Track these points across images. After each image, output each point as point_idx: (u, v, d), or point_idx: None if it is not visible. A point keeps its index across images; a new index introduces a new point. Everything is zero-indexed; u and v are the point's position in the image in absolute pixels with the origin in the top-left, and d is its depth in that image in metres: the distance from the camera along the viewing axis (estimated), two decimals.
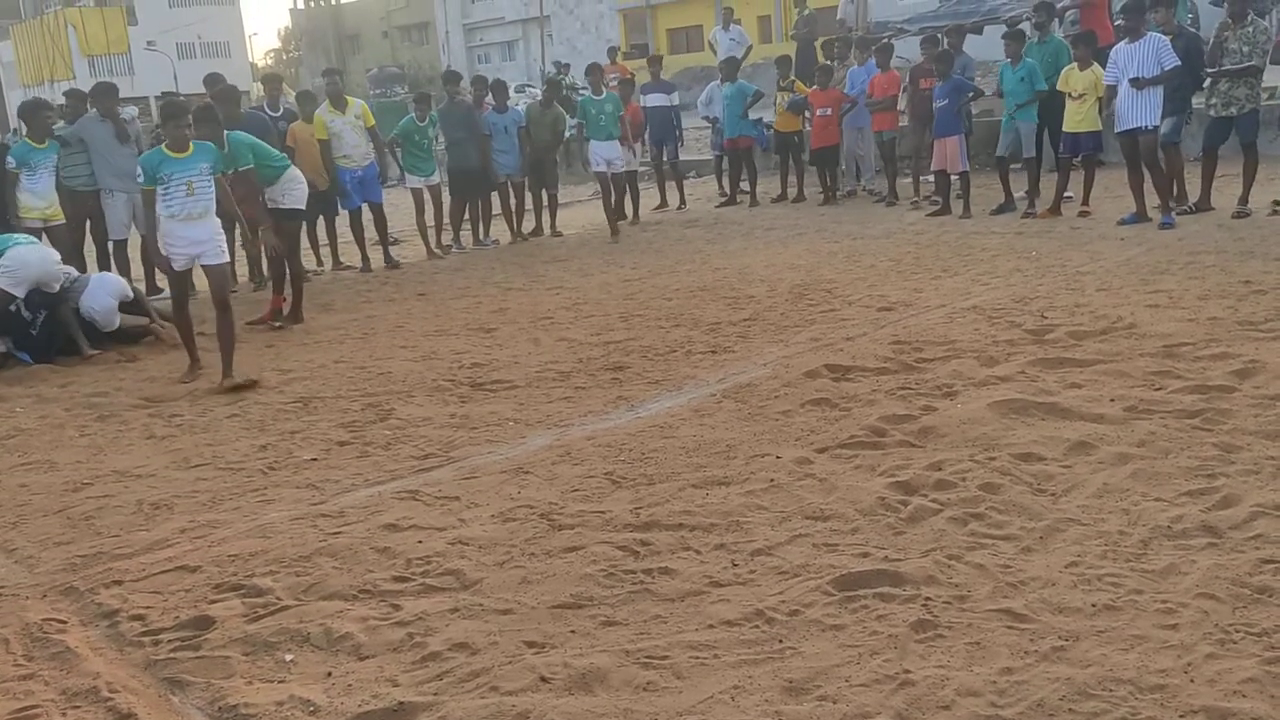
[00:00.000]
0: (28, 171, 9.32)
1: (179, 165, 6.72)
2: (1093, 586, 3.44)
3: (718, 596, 3.58)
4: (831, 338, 6.88)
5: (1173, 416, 4.87)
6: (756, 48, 24.40)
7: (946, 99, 11.45)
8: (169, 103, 7.24)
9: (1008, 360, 5.97)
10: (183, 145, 6.80)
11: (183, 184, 6.71)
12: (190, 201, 6.76)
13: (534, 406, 5.99)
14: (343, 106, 11.28)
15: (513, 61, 56.84)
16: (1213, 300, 6.81)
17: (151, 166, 6.71)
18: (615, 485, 4.68)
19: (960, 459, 4.60)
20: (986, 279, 8.22)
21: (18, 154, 9.39)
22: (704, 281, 9.22)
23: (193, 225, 6.83)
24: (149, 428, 6.17)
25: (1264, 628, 3.11)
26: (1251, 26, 9.48)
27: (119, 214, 10.22)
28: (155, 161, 6.73)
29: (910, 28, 16.21)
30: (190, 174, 6.72)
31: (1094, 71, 10.32)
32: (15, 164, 9.29)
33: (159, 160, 6.73)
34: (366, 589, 3.83)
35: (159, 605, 3.85)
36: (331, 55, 66.15)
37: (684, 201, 14.75)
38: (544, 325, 8.08)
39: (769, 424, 5.33)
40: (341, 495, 4.84)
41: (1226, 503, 3.95)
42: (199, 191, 6.78)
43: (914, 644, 3.19)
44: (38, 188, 9.41)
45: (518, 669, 3.21)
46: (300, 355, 7.68)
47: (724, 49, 16.79)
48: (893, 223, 11.55)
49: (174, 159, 6.73)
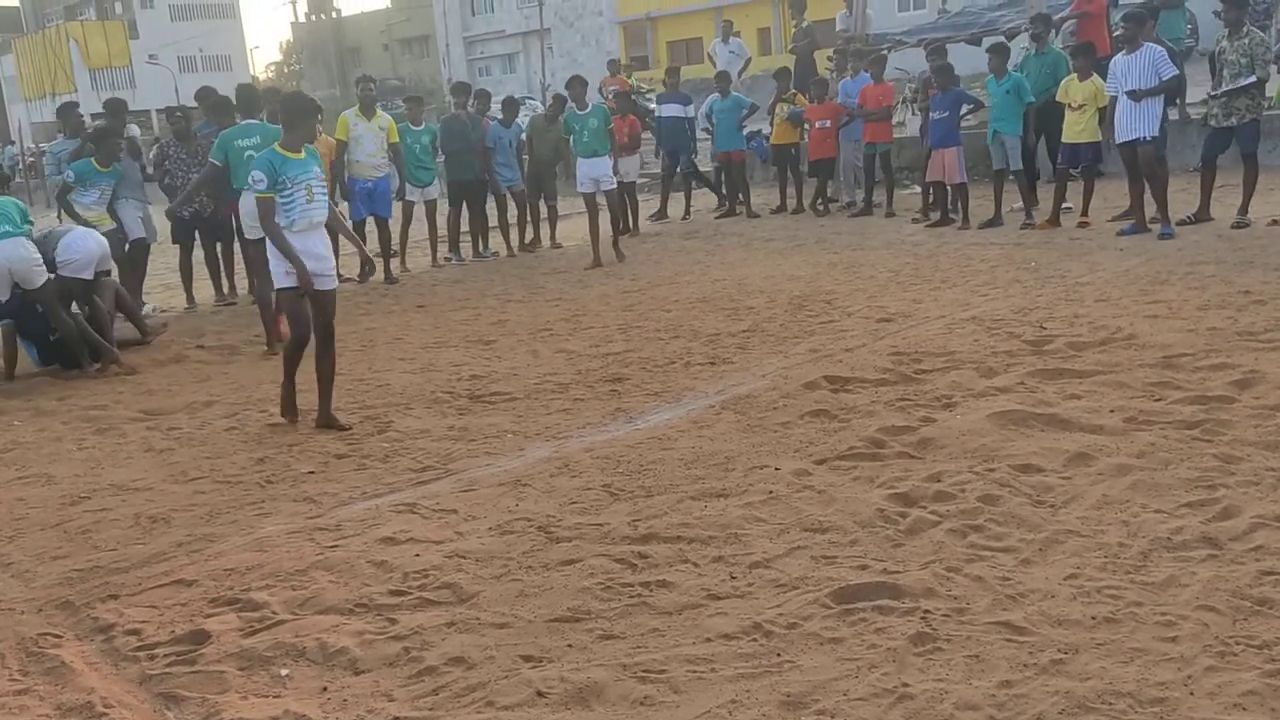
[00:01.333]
0: (81, 188, 9.60)
1: (299, 167, 5.93)
2: (1092, 599, 3.42)
3: (715, 609, 3.57)
4: (830, 349, 6.87)
5: (1172, 427, 4.86)
6: (756, 60, 24.47)
7: (947, 110, 11.46)
8: (295, 97, 6.53)
9: (1007, 371, 5.96)
10: (299, 145, 6.03)
11: (303, 188, 5.92)
12: (310, 209, 5.97)
13: (532, 418, 5.98)
14: (371, 114, 11.30)
15: (513, 74, 56.97)
16: (1212, 310, 6.80)
17: (272, 169, 5.85)
18: (613, 497, 4.67)
19: (959, 470, 4.58)
20: (985, 290, 8.21)
21: (80, 170, 9.61)
22: (703, 293, 9.22)
23: (311, 237, 6.02)
24: (147, 441, 6.16)
25: (1264, 640, 3.10)
26: (1248, 38, 9.49)
27: (132, 217, 10.29)
28: (276, 163, 5.88)
29: (909, 39, 16.24)
30: (309, 177, 5.96)
31: (1094, 82, 10.33)
32: (74, 177, 9.57)
33: (280, 161, 5.89)
34: (363, 603, 3.82)
35: (155, 620, 3.84)
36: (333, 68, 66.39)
37: (688, 212, 14.76)
38: (543, 337, 8.07)
39: (768, 435, 5.31)
40: (339, 508, 4.82)
41: (1226, 514, 3.93)
42: (318, 197, 6.02)
43: (912, 657, 3.17)
44: (87, 201, 9.61)
45: (514, 684, 3.19)
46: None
47: (723, 61, 16.82)
48: (892, 234, 11.55)
49: (293, 160, 5.92)
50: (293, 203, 5.89)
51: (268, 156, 5.92)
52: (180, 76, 52.85)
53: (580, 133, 11.47)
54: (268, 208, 5.88)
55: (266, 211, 5.89)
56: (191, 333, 9.25)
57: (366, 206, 11.41)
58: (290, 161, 5.90)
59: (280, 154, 5.92)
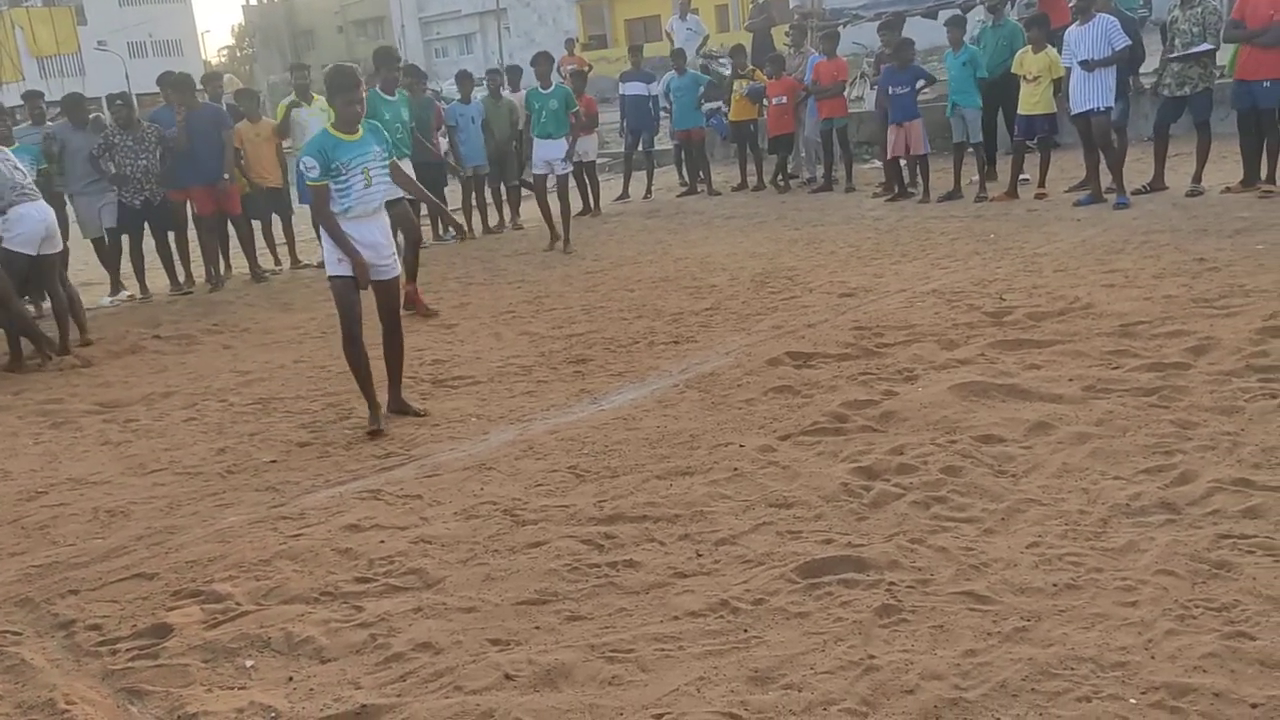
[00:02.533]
0: None
1: (354, 150, 5.44)
2: (1053, 566, 3.46)
3: (682, 587, 3.57)
4: (793, 325, 6.89)
5: (1130, 395, 4.91)
6: (714, 36, 24.37)
7: (907, 86, 11.48)
8: (339, 70, 5.60)
9: (967, 343, 6.00)
10: (354, 125, 5.48)
11: (359, 172, 5.44)
12: (368, 194, 5.50)
13: (496, 402, 5.96)
14: (309, 100, 11.20)
15: (470, 55, 56.38)
16: (1168, 278, 6.88)
17: (323, 155, 5.36)
18: (579, 479, 4.66)
19: (922, 443, 4.61)
20: (946, 263, 8.26)
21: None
22: (666, 272, 9.21)
23: (368, 224, 5.56)
24: (104, 434, 6.07)
25: (1223, 603, 3.14)
26: (1200, 7, 9.56)
27: (91, 212, 10.16)
28: (328, 147, 5.38)
29: (865, 14, 16.25)
30: (366, 159, 5.46)
31: (1048, 54, 10.38)
32: None
33: (332, 145, 5.39)
34: (328, 591, 3.79)
35: (116, 614, 3.79)
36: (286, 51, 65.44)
37: (650, 192, 14.72)
38: (505, 320, 8.03)
39: (732, 413, 5.32)
40: (302, 497, 4.78)
41: (1184, 479, 3.99)
42: (377, 180, 5.53)
43: (878, 629, 3.19)
44: None
45: (482, 667, 3.19)
46: (259, 356, 7.58)
47: (681, 38, 16.75)
48: (852, 209, 11.58)
49: (347, 142, 5.43)
50: (349, 189, 5.44)
51: (319, 140, 5.44)
52: (130, 62, 51.92)
53: (539, 112, 11.19)
54: (321, 196, 5.43)
55: (320, 200, 5.44)
56: (147, 323, 9.12)
57: None
58: (343, 145, 5.42)
59: (333, 136, 5.43)
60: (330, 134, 5.45)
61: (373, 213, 5.59)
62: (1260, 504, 3.70)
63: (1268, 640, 2.93)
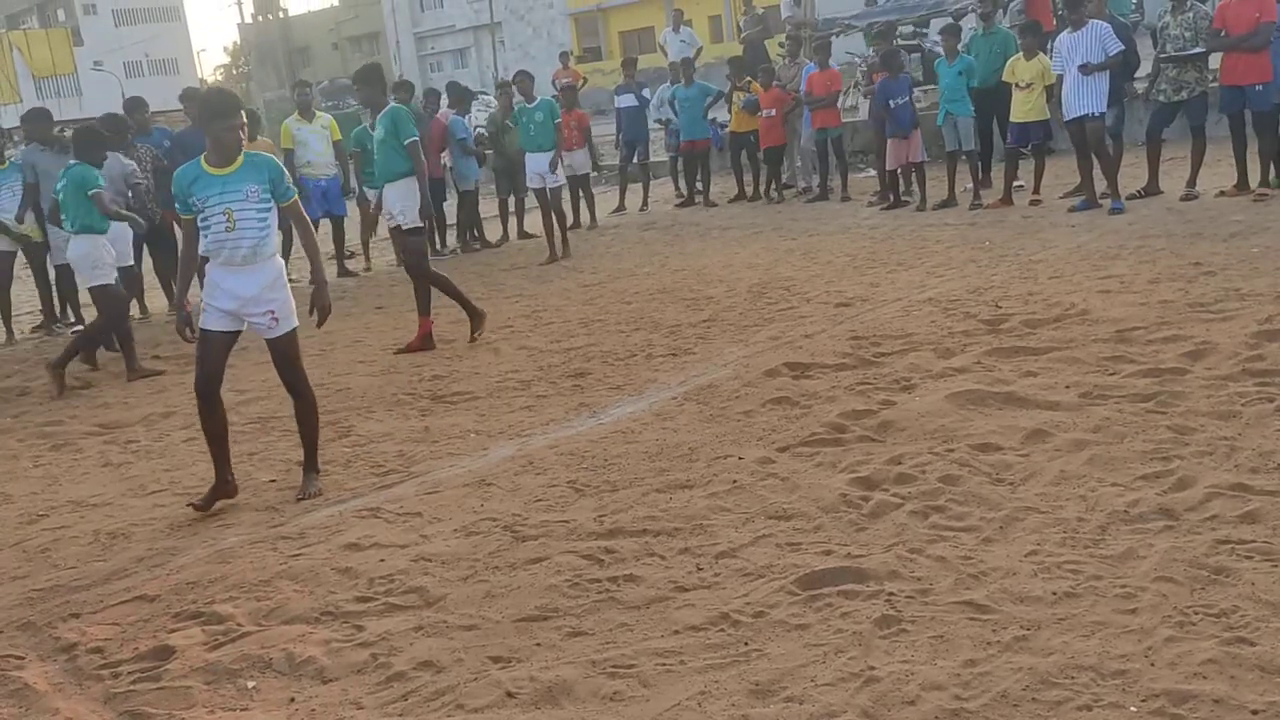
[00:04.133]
0: None
1: (218, 186, 4.78)
2: (1052, 574, 3.46)
3: (683, 601, 3.58)
4: (790, 335, 6.90)
5: (1127, 401, 4.92)
6: (707, 48, 24.47)
7: (904, 96, 11.53)
8: (215, 94, 5.15)
9: (964, 351, 6.01)
10: (228, 157, 4.82)
11: (219, 212, 4.77)
12: (232, 240, 4.79)
13: (495, 417, 5.97)
14: (310, 117, 11.32)
15: (465, 69, 56.52)
16: (1163, 283, 6.89)
17: (181, 188, 4.82)
18: (578, 493, 4.67)
19: (920, 452, 4.62)
20: (941, 271, 8.28)
21: None
22: (663, 284, 9.23)
23: (241, 274, 4.85)
24: (105, 455, 6.08)
25: (1222, 608, 3.15)
26: (1192, 12, 9.62)
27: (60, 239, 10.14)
28: (186, 179, 4.82)
29: (858, 24, 16.30)
30: (231, 199, 4.76)
31: (1040, 61, 10.43)
32: None
33: (192, 177, 4.81)
34: (329, 611, 3.79)
35: (118, 637, 3.80)
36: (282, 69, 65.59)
37: (646, 204, 14.76)
38: (504, 334, 8.04)
39: (730, 425, 5.33)
40: (301, 516, 4.79)
41: (1182, 485, 3.99)
42: (245, 225, 4.79)
43: (878, 640, 3.20)
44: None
45: (483, 685, 3.19)
46: (256, 375, 7.57)
47: (675, 51, 16.81)
48: (848, 218, 11.61)
49: (211, 176, 4.79)
50: (206, 228, 4.82)
51: (181, 170, 4.89)
52: (126, 82, 52.04)
53: (526, 126, 11.51)
54: (185, 232, 4.94)
55: (184, 236, 4.97)
56: (147, 343, 9.13)
57: (321, 206, 11.38)
58: (205, 178, 4.78)
59: (199, 167, 4.84)
60: (198, 164, 4.85)
61: (242, 261, 4.84)
62: (1258, 509, 3.71)
63: (1267, 646, 2.93)
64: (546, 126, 11.40)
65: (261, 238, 4.85)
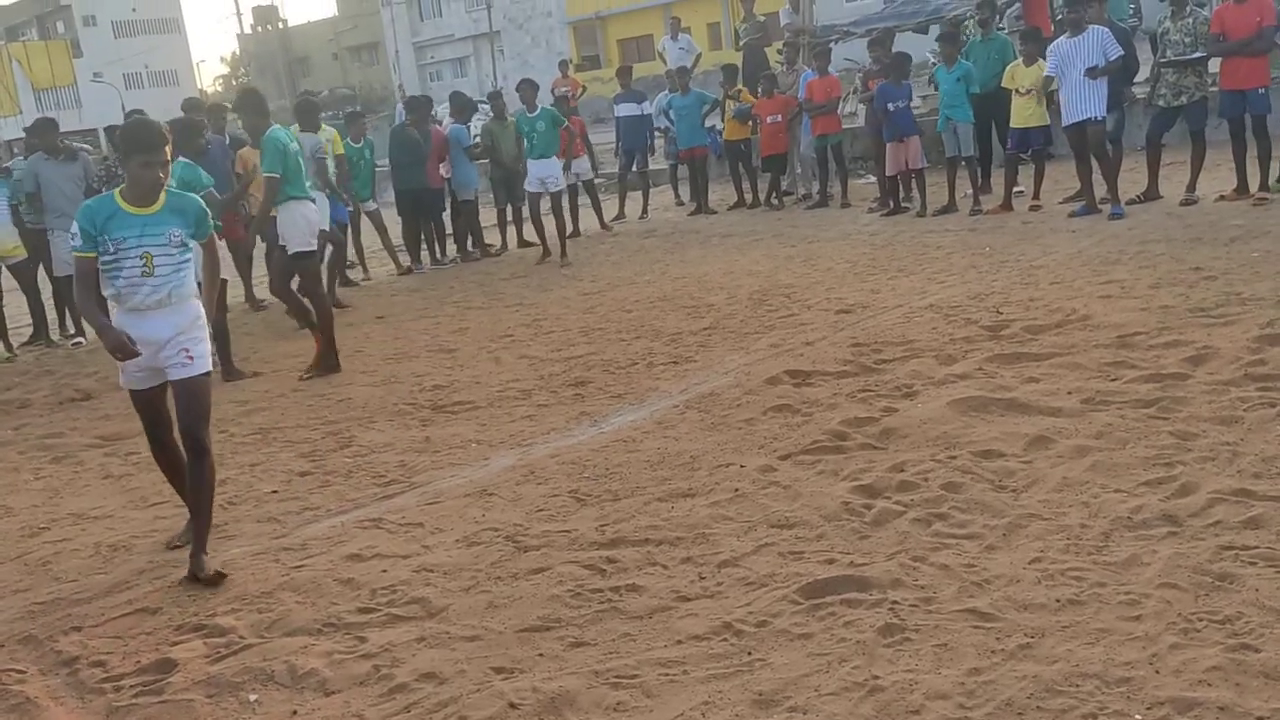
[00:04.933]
0: None
1: (137, 226, 4.30)
2: (1056, 582, 3.45)
3: (686, 611, 3.57)
4: (791, 343, 6.90)
5: (1129, 407, 4.92)
6: (706, 55, 24.47)
7: (904, 101, 11.55)
8: (138, 125, 4.55)
9: (965, 358, 6.01)
10: (149, 195, 4.34)
11: (136, 255, 4.29)
12: (146, 285, 4.33)
13: (496, 426, 5.96)
14: (315, 128, 11.28)
15: (465, 78, 56.61)
16: (1164, 288, 6.89)
17: (91, 222, 4.26)
18: (580, 503, 4.66)
19: (922, 459, 4.62)
20: (942, 277, 8.27)
21: None
22: (663, 292, 9.22)
23: (151, 318, 4.37)
24: (105, 467, 6.07)
25: (1226, 615, 3.14)
26: (1191, 17, 9.63)
27: (64, 250, 10.17)
28: (100, 215, 4.28)
29: (857, 30, 16.31)
30: (151, 241, 4.31)
31: (1039, 67, 10.43)
32: None
33: (108, 213, 4.29)
34: (331, 622, 3.79)
35: (119, 650, 3.79)
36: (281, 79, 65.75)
37: (646, 211, 14.77)
38: (504, 343, 8.04)
39: (732, 433, 5.32)
40: (303, 527, 4.78)
41: (1185, 491, 3.99)
42: (164, 271, 4.35)
43: (882, 649, 3.19)
44: None
45: (486, 696, 3.18)
46: (257, 386, 7.59)
47: (674, 58, 16.83)
48: (848, 225, 11.61)
49: (129, 215, 4.30)
50: (117, 272, 4.31)
51: (95, 205, 4.35)
52: (126, 94, 52.13)
53: (530, 134, 11.80)
54: (84, 272, 4.34)
55: (81, 277, 4.36)
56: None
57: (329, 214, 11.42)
58: (122, 216, 4.29)
59: (114, 203, 4.32)
60: (113, 200, 4.33)
61: (157, 305, 4.37)
62: (1261, 514, 3.70)
63: (1272, 652, 2.92)
64: (550, 134, 11.72)
65: (180, 280, 4.41)
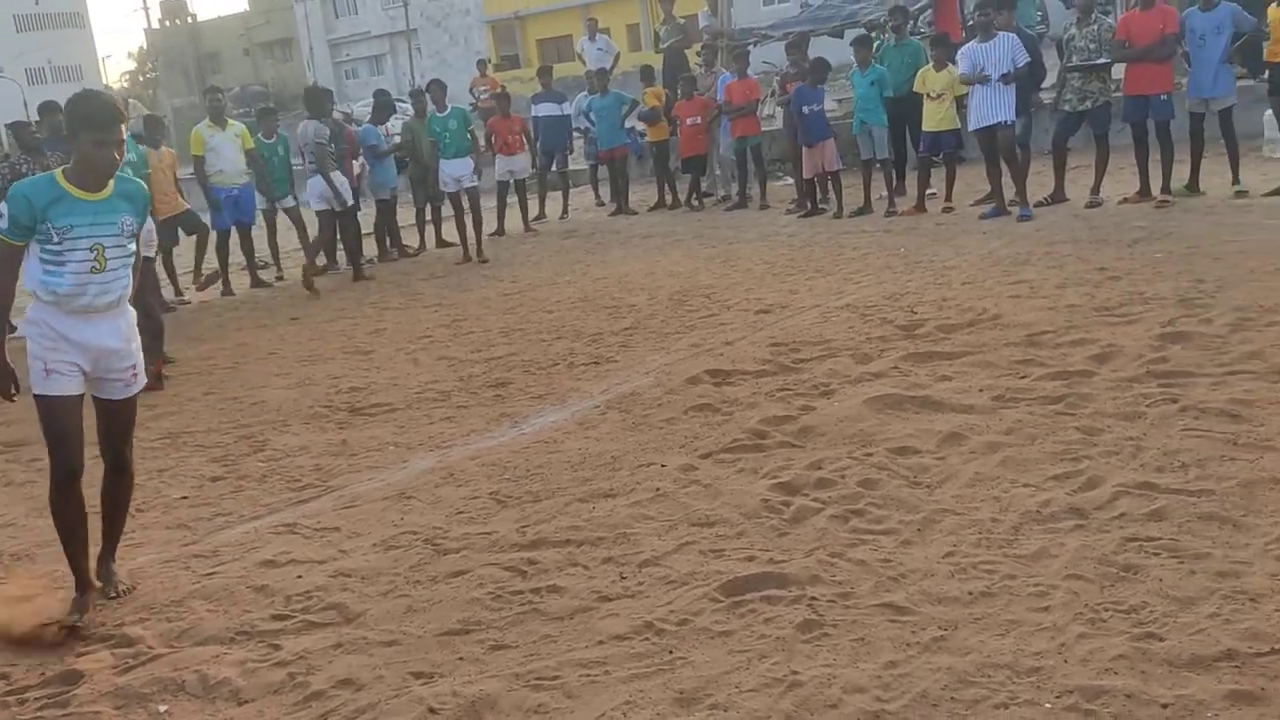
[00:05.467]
0: None
1: (88, 214, 3.78)
2: (969, 575, 3.53)
3: (607, 611, 3.57)
4: (711, 343, 6.94)
5: (1038, 403, 5.04)
6: (626, 56, 24.56)
7: (819, 105, 11.69)
8: (88, 98, 3.84)
9: (881, 357, 6.10)
10: (101, 179, 3.82)
11: (87, 248, 3.77)
12: (97, 282, 3.81)
13: (415, 429, 5.89)
14: (223, 124, 11.13)
15: (381, 76, 55.82)
16: (1071, 288, 7.08)
17: (29, 205, 3.69)
18: (501, 505, 4.63)
19: (839, 456, 4.68)
20: (858, 277, 8.40)
21: None
22: (584, 292, 9.21)
23: (98, 322, 3.89)
24: (6, 474, 5.87)
25: (1131, 604, 3.24)
26: (1097, 24, 9.91)
27: None
28: (42, 199, 3.71)
29: (774, 33, 16.47)
30: (104, 232, 3.81)
31: (950, 72, 10.65)
32: None
33: (52, 197, 3.73)
34: (244, 630, 3.70)
35: (24, 662, 3.65)
36: (190, 75, 64.18)
37: (566, 211, 14.76)
38: (423, 344, 7.95)
39: (653, 433, 5.34)
40: (215, 534, 4.67)
41: (1091, 484, 4.10)
42: (116, 265, 3.85)
43: (801, 644, 3.22)
44: None
45: (405, 702, 3.14)
46: (167, 389, 7.39)
47: (592, 59, 16.84)
48: (766, 226, 11.72)
49: (78, 200, 3.77)
50: (61, 266, 3.75)
51: (32, 185, 3.78)
52: (29, 89, 50.44)
53: (442, 134, 11.93)
54: (7, 260, 3.77)
55: (6, 263, 3.78)
56: None
57: (232, 214, 11.22)
58: (69, 201, 3.75)
59: (60, 186, 3.76)
60: (56, 182, 3.77)
61: (107, 307, 3.89)
62: (1164, 507, 3.82)
63: (1175, 640, 3.02)
64: (460, 133, 11.90)
65: (127, 279, 3.95)
